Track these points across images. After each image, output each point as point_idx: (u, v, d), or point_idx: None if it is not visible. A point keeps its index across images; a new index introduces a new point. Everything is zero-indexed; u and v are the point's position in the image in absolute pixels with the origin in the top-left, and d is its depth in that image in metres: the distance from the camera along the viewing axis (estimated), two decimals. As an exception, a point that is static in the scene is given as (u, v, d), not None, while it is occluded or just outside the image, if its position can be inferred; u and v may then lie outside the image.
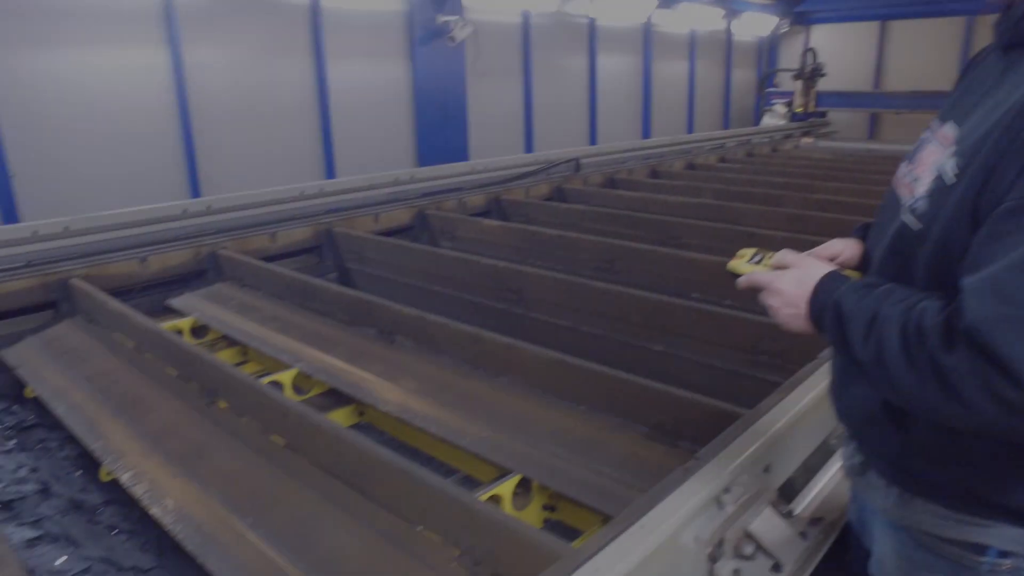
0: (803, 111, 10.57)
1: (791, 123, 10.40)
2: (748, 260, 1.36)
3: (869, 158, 7.67)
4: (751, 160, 7.75)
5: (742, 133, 9.41)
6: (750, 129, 10.20)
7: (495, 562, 1.68)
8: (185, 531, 1.96)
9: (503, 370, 2.66)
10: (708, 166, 7.26)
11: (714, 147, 8.36)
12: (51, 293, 3.47)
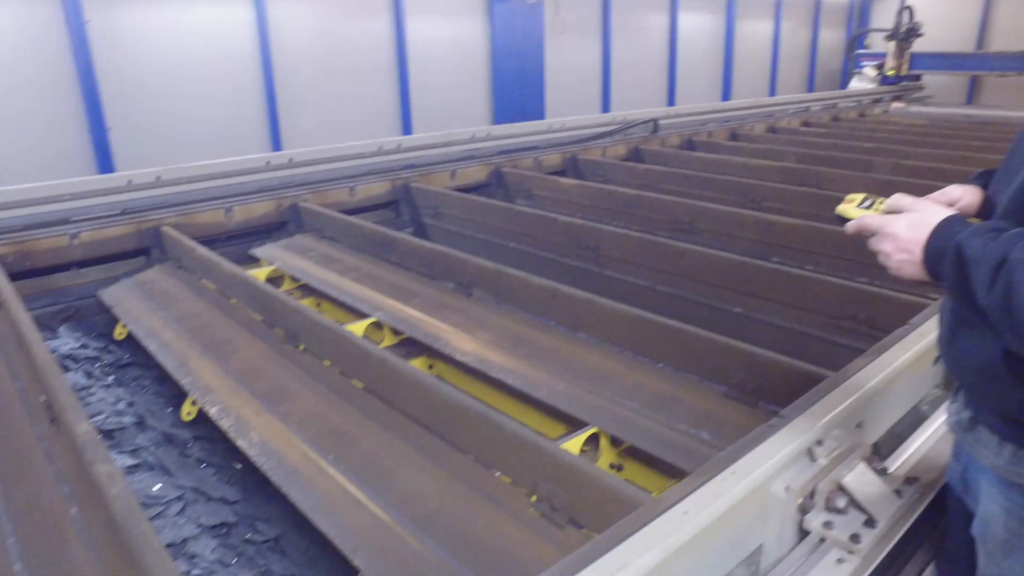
0: (895, 74, 10.04)
1: (881, 87, 9.90)
2: (858, 204, 1.30)
3: (967, 124, 7.26)
4: (836, 125, 7.44)
5: (828, 97, 9.03)
6: (837, 92, 9.78)
7: (572, 509, 1.69)
8: (269, 463, 2.04)
9: (580, 325, 2.65)
10: (790, 130, 7.00)
11: (797, 111, 8.05)
12: (144, 240, 3.63)
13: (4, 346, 2.86)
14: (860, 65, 10.78)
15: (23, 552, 1.89)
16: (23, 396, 2.50)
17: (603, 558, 1.01)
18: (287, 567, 2.09)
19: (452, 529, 1.71)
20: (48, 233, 3.45)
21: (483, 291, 2.98)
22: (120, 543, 1.60)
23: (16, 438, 2.33)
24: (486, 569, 1.60)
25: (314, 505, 1.85)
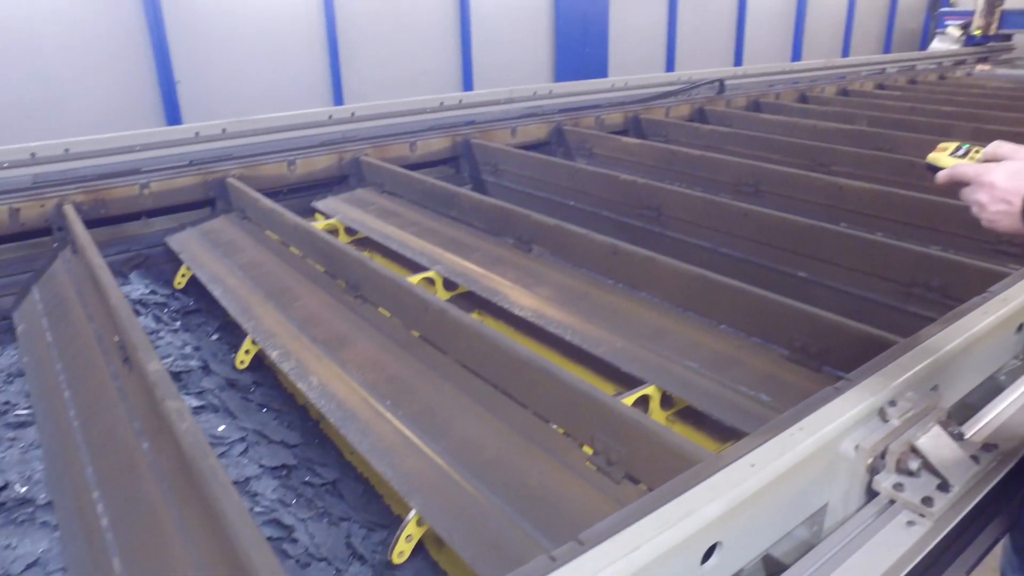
0: (982, 34, 9.46)
1: (966, 48, 9.38)
2: (951, 152, 1.23)
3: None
4: (914, 88, 7.11)
5: (905, 58, 8.61)
6: (915, 54, 9.32)
7: (629, 463, 1.68)
8: (328, 406, 2.09)
9: (641, 284, 2.62)
10: (864, 92, 6.72)
11: (872, 72, 7.71)
12: (210, 190, 3.71)
13: (81, 289, 2.98)
14: (943, 24, 10.19)
15: (100, 482, 1.98)
16: (98, 337, 2.60)
17: (668, 505, 1.00)
18: (344, 509, 2.14)
19: (508, 478, 1.72)
20: (120, 183, 3.55)
21: (542, 247, 2.96)
22: (188, 476, 1.66)
23: (92, 376, 2.43)
24: (541, 519, 1.61)
25: (371, 447, 1.88)
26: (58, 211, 3.36)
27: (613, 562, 0.92)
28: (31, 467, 2.24)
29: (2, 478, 2.17)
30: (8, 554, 1.90)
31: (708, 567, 1.04)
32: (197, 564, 1.57)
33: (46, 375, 2.61)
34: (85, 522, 1.89)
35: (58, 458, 2.21)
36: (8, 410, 2.57)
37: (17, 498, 2.12)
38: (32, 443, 2.37)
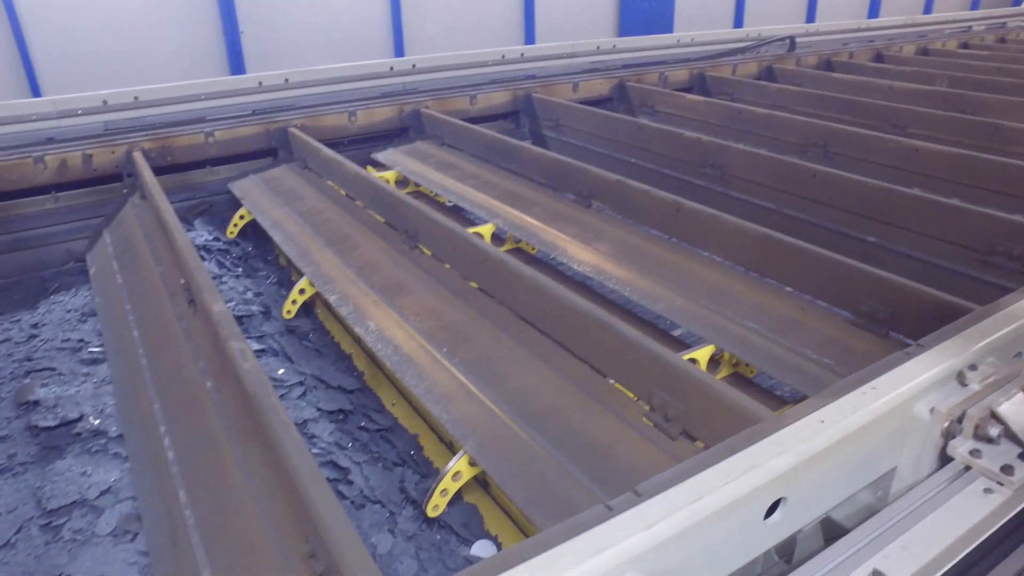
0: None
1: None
2: None
3: None
4: (1002, 47, 6.71)
5: (996, 15, 8.13)
6: (1007, 10, 8.78)
7: (687, 420, 1.66)
8: (384, 350, 2.11)
9: (704, 242, 2.56)
10: (946, 52, 6.38)
11: (956, 31, 7.31)
12: (272, 140, 3.75)
13: (149, 233, 3.06)
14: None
15: (166, 417, 2.05)
16: (165, 279, 2.66)
17: (733, 457, 0.97)
18: (397, 455, 2.18)
19: (562, 428, 1.71)
20: (186, 131, 3.61)
21: (603, 203, 2.91)
22: (250, 413, 1.70)
23: (159, 317, 2.50)
24: (595, 470, 1.60)
25: (426, 391, 1.89)
26: (128, 158, 3.44)
27: (671, 513, 0.90)
28: (103, 401, 2.33)
29: (77, 410, 2.27)
30: (84, 481, 1.99)
31: (771, 523, 1.02)
32: (257, 498, 1.61)
33: (116, 315, 2.71)
34: (153, 455, 1.96)
35: (128, 394, 2.29)
36: (82, 347, 2.68)
37: (91, 430, 2.21)
38: (104, 379, 2.47)
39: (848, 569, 1.01)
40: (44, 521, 1.88)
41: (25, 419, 2.26)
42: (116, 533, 1.83)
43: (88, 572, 1.72)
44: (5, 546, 1.81)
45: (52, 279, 3.28)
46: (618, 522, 0.88)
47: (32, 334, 2.79)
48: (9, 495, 1.98)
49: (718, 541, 0.95)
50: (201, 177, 3.72)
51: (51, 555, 1.78)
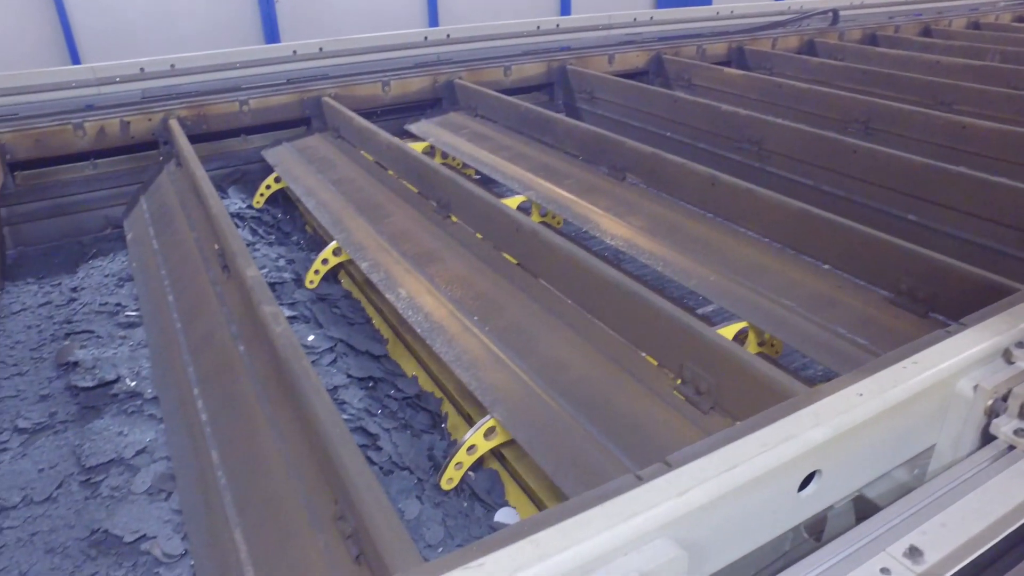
0: None
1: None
2: None
3: None
4: (1057, 22, 6.47)
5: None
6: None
7: (719, 394, 1.64)
8: (415, 317, 2.11)
9: (739, 217, 2.51)
10: (999, 26, 6.16)
11: (1011, 4, 7.05)
12: (306, 109, 3.75)
13: (184, 200, 3.09)
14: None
15: (200, 380, 2.08)
16: (199, 245, 2.69)
17: (768, 428, 0.96)
18: (426, 422, 2.19)
19: (593, 399, 1.70)
20: (221, 99, 3.63)
21: (637, 176, 2.88)
22: (281, 377, 1.71)
23: (193, 282, 2.53)
24: (625, 441, 1.59)
25: (456, 357, 1.89)
26: (164, 125, 3.48)
27: (704, 481, 0.89)
28: (139, 364, 2.38)
29: (114, 372, 2.31)
30: (121, 440, 2.04)
31: (804, 495, 1.01)
32: (287, 460, 1.63)
33: (152, 280, 2.74)
34: (187, 417, 1.99)
35: (163, 357, 2.32)
36: (119, 311, 2.73)
37: (128, 391, 2.25)
38: (140, 342, 2.51)
39: (882, 545, 0.99)
40: (84, 477, 1.93)
41: (65, 379, 2.31)
42: (151, 491, 1.87)
43: (124, 528, 1.76)
44: (48, 500, 1.87)
45: (90, 245, 3.34)
46: (650, 488, 0.87)
47: (72, 297, 2.85)
48: (51, 451, 2.03)
49: (750, 512, 0.94)
50: (235, 146, 3.74)
51: (90, 510, 1.83)
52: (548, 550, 0.76)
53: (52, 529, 1.78)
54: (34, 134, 3.30)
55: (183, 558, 1.69)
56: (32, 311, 2.78)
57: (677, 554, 0.82)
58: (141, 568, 1.68)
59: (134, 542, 1.73)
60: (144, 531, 1.75)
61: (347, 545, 1.35)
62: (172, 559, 1.69)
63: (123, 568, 1.68)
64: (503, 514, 1.83)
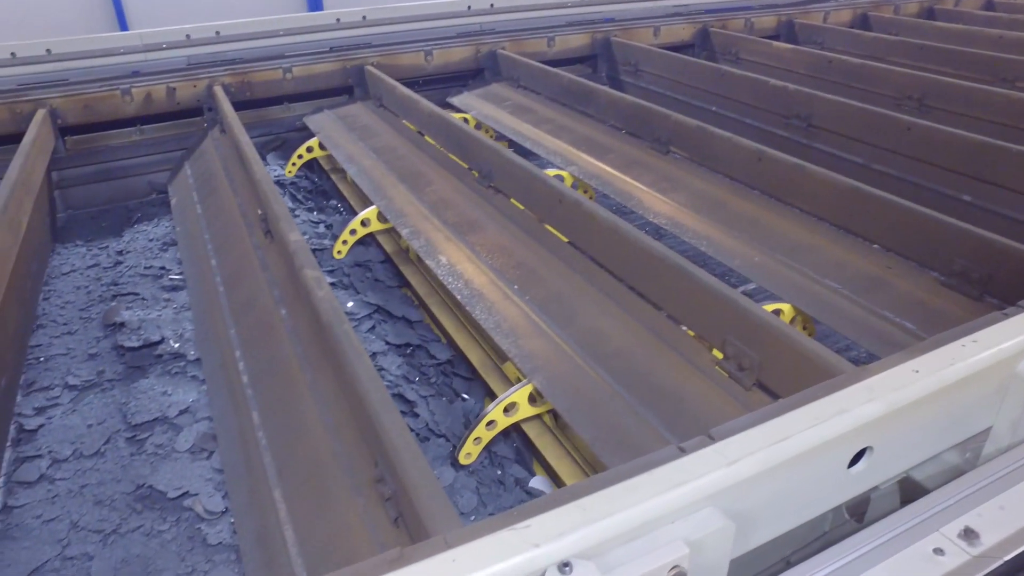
0: None
1: None
2: None
3: None
4: None
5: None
6: None
7: (762, 371, 1.61)
8: (455, 284, 2.10)
9: (787, 194, 2.45)
10: (1063, 3, 5.90)
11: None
12: (348, 77, 3.75)
13: (227, 166, 3.12)
14: None
15: (242, 343, 2.11)
16: (242, 211, 2.72)
17: (821, 400, 0.93)
18: (459, 385, 2.19)
19: (633, 371, 1.69)
20: (265, 66, 3.65)
21: (681, 150, 2.82)
22: (323, 340, 1.72)
23: (236, 247, 2.56)
24: (665, 413, 1.57)
25: (496, 325, 1.89)
26: (208, 92, 3.50)
27: (754, 452, 0.87)
28: (182, 326, 2.42)
29: (159, 333, 2.36)
30: (165, 400, 2.08)
31: (854, 472, 0.98)
32: (327, 423, 1.64)
33: (196, 245, 2.78)
34: (228, 379, 2.02)
35: (206, 320, 2.36)
36: (163, 274, 2.77)
37: (171, 352, 2.30)
38: (184, 305, 2.55)
39: (934, 526, 0.96)
40: (130, 434, 1.98)
41: (112, 339, 2.36)
42: (193, 450, 1.91)
43: (167, 484, 1.80)
44: (96, 454, 1.92)
45: (136, 209, 3.39)
46: (699, 457, 0.85)
47: (118, 260, 2.91)
48: (99, 408, 2.08)
49: (799, 486, 0.92)
50: (278, 113, 3.77)
51: (135, 466, 1.87)
52: (594, 515, 0.75)
53: (100, 482, 1.83)
54: (83, 99, 3.36)
55: (224, 515, 1.73)
56: (81, 272, 2.84)
57: (724, 524, 0.81)
58: (184, 523, 1.72)
59: (177, 498, 1.77)
60: (186, 488, 1.79)
61: (386, 507, 1.36)
62: (213, 516, 1.73)
63: (167, 523, 1.72)
64: (536, 482, 1.83)
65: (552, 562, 0.71)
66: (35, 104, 3.24)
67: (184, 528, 1.71)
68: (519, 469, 1.87)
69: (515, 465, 1.88)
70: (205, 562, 1.63)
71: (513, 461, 1.89)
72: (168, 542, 1.67)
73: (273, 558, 1.48)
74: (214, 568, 1.61)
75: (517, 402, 1.75)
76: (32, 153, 2.84)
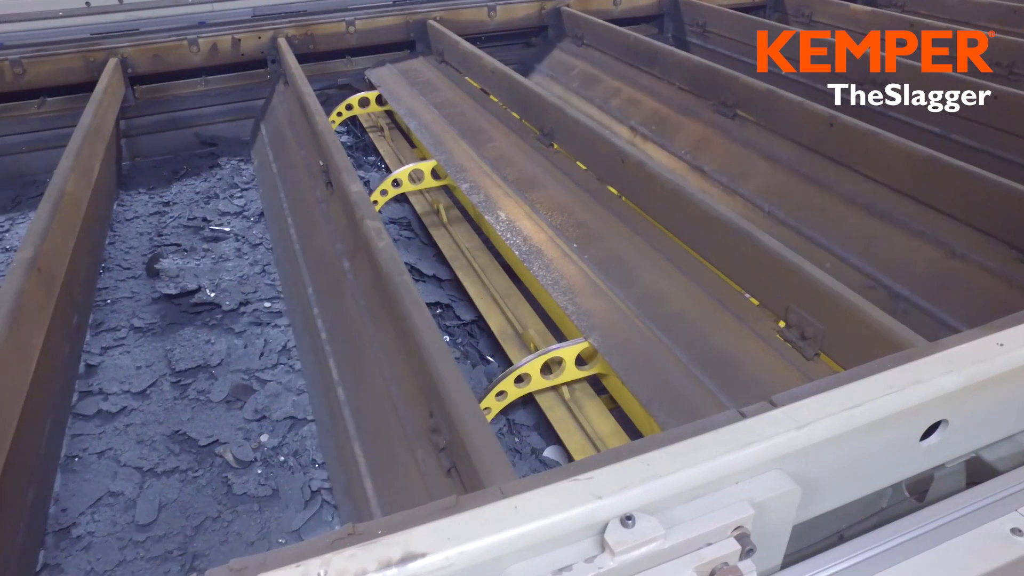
0: None
1: None
2: None
3: None
4: None
5: None
6: None
7: (825, 341, 1.56)
8: (514, 240, 2.09)
9: (857, 161, 2.35)
10: None
11: None
12: (411, 32, 3.73)
13: (292, 120, 3.15)
14: None
15: (318, 298, 2.14)
16: (307, 163, 2.74)
17: (896, 369, 0.90)
18: (484, 346, 2.19)
19: (691, 334, 1.66)
20: (329, 19, 3.65)
21: (748, 113, 2.73)
22: (382, 291, 1.74)
23: (305, 201, 2.58)
24: (723, 378, 1.55)
25: (553, 282, 1.87)
26: (273, 43, 3.52)
27: (825, 417, 0.84)
28: (220, 276, 2.46)
29: (196, 282, 2.38)
30: (208, 348, 2.14)
31: (925, 445, 0.95)
32: (385, 376, 1.66)
33: (273, 202, 2.82)
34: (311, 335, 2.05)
35: (288, 275, 2.40)
36: (204, 226, 2.81)
37: (208, 302, 2.31)
38: (221, 255, 2.60)
39: (1011, 506, 0.92)
40: (174, 379, 2.03)
41: (158, 286, 2.42)
42: (228, 400, 1.96)
43: (200, 432, 1.86)
44: (142, 394, 1.98)
45: (187, 161, 3.43)
46: (766, 420, 0.83)
47: (164, 211, 2.96)
48: (148, 351, 2.15)
49: (868, 455, 0.89)
50: (339, 67, 3.77)
51: (176, 411, 1.94)
52: (659, 471, 0.74)
53: (143, 423, 1.90)
54: (153, 49, 3.41)
55: (251, 465, 1.77)
56: (143, 219, 2.91)
57: (791, 488, 0.79)
58: (216, 470, 1.77)
59: (208, 445, 1.82)
60: (217, 437, 1.84)
61: (440, 457, 1.37)
62: (242, 465, 1.77)
63: (201, 468, 1.77)
64: (551, 451, 1.82)
65: (615, 514, 0.70)
66: (107, 53, 3.31)
67: (216, 475, 1.76)
68: (537, 438, 1.87)
69: (534, 433, 1.88)
70: (229, 511, 1.67)
71: (532, 429, 1.89)
72: (203, 487, 1.73)
73: (359, 509, 1.51)
74: (237, 518, 1.65)
75: (563, 358, 1.73)
76: (104, 101, 2.91)
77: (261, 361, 2.09)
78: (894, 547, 0.94)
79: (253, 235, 2.75)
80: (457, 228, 2.40)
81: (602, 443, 1.63)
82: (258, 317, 2.28)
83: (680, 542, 0.71)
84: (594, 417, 1.69)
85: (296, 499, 1.68)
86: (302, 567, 0.66)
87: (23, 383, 1.55)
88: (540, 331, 1.87)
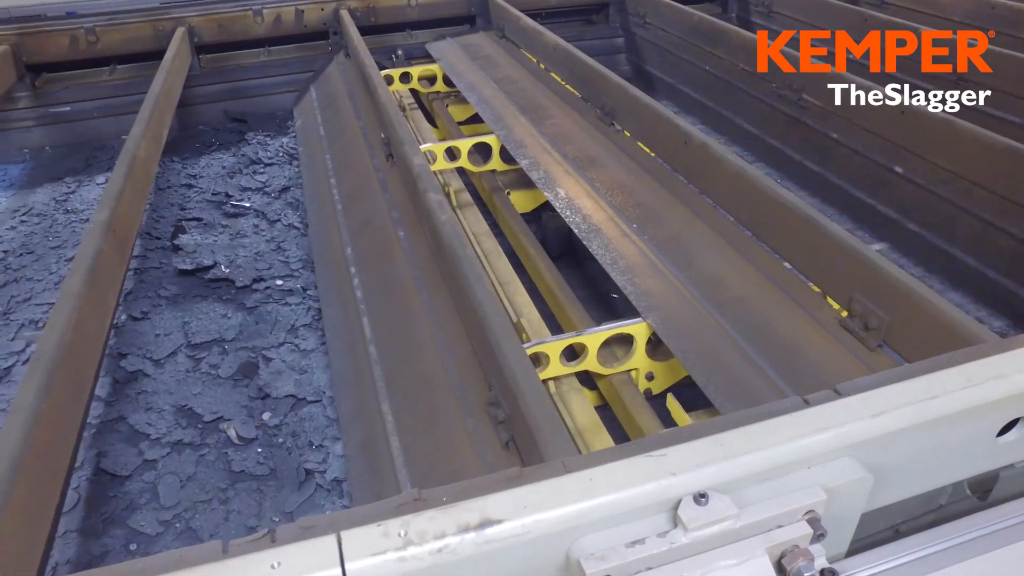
0: None
1: None
2: None
3: None
4: None
5: None
6: None
7: (889, 333, 1.53)
8: (573, 218, 2.09)
9: (930, 151, 2.28)
10: None
11: None
12: (472, 6, 3.73)
13: (352, 90, 3.18)
14: None
15: (357, 259, 2.17)
16: (364, 134, 2.77)
17: (976, 362, 0.88)
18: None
19: (751, 320, 1.64)
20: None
21: (813, 98, 2.67)
22: (443, 262, 1.76)
23: (357, 168, 2.62)
24: (782, 366, 1.53)
25: (612, 261, 1.87)
26: (335, 15, 3.55)
27: (901, 407, 0.83)
28: (236, 252, 2.51)
29: (212, 258, 2.43)
30: (223, 322, 2.19)
31: (1002, 442, 0.93)
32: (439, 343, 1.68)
33: (316, 164, 2.86)
34: (342, 293, 2.09)
35: (322, 236, 2.44)
36: (226, 201, 2.86)
37: (223, 278, 2.35)
38: (239, 232, 2.64)
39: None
40: (190, 352, 2.09)
41: (175, 260, 2.47)
42: (236, 377, 2.01)
43: (207, 407, 1.91)
44: (158, 363, 2.04)
45: (211, 136, 3.46)
46: (844, 406, 0.83)
47: (192, 183, 3.01)
48: (168, 321, 2.21)
49: (943, 447, 0.88)
50: (400, 40, 3.79)
51: (188, 383, 1.99)
52: (733, 451, 0.74)
53: (154, 392, 1.95)
54: (218, 19, 3.47)
55: (252, 443, 1.81)
56: (175, 189, 2.96)
57: (863, 475, 0.78)
58: (219, 446, 1.81)
59: (212, 421, 1.87)
60: (222, 413, 1.89)
61: (497, 430, 1.39)
62: (244, 442, 1.81)
63: (205, 442, 1.82)
64: None
65: (688, 491, 0.71)
66: (175, 22, 3.38)
67: (218, 449, 1.80)
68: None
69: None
70: (227, 488, 1.71)
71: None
72: (212, 462, 1.77)
73: (377, 464, 1.54)
74: (236, 496, 1.69)
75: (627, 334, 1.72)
76: (173, 69, 2.97)
77: (268, 339, 2.13)
78: (956, 545, 0.93)
79: (272, 211, 2.80)
80: (467, 212, 2.40)
81: (581, 438, 1.61)
82: (270, 295, 2.32)
83: (752, 522, 0.71)
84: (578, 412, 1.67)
85: (291, 480, 1.71)
86: (383, 527, 0.69)
87: (99, 342, 1.61)
88: (534, 320, 1.86)
